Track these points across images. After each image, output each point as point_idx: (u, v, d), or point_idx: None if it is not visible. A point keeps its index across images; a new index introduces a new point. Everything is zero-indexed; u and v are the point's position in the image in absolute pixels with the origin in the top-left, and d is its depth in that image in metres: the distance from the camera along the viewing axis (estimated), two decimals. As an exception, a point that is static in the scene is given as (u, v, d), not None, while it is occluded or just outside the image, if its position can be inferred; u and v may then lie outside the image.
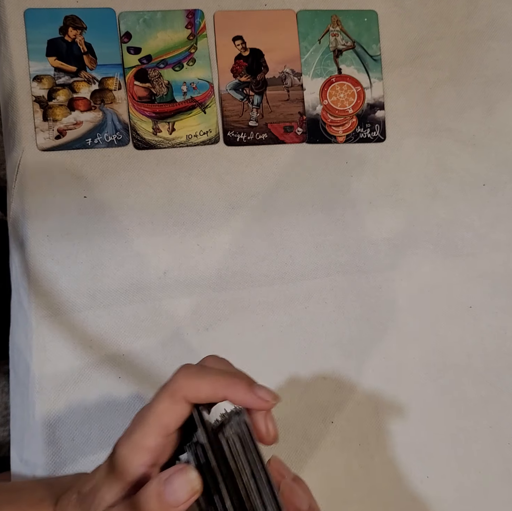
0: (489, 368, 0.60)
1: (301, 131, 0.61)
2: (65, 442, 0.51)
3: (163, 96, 0.58)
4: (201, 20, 0.59)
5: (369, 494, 0.56)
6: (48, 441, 0.51)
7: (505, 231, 0.62)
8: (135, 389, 0.53)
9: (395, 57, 0.63)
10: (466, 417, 0.59)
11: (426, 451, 0.57)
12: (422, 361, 0.59)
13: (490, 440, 0.59)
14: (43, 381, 0.52)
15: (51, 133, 0.56)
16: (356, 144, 0.62)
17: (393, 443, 0.57)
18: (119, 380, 0.53)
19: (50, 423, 0.51)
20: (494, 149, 0.64)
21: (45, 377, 0.52)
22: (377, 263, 0.60)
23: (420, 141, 0.62)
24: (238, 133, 0.59)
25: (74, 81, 0.57)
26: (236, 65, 0.60)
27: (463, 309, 0.61)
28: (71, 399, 0.52)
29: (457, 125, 0.63)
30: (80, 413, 0.52)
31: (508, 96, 0.64)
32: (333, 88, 0.62)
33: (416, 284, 0.60)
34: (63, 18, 0.57)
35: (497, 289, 0.61)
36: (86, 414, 0.52)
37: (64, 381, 0.52)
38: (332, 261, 0.59)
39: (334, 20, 0.62)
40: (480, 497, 0.57)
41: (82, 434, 0.52)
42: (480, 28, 0.65)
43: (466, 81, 0.64)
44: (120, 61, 0.58)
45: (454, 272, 0.61)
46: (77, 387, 0.53)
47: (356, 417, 0.57)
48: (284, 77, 0.61)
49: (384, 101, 0.62)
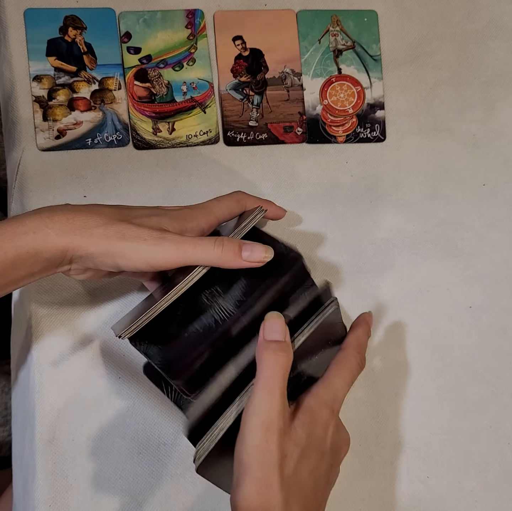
0: (489, 368, 0.60)
1: (301, 131, 0.61)
2: (65, 442, 0.51)
3: (163, 96, 0.58)
4: (201, 20, 0.59)
5: (369, 494, 0.56)
6: (48, 441, 0.51)
7: (505, 231, 0.62)
8: (135, 389, 0.53)
9: (395, 57, 0.63)
10: (466, 417, 0.59)
11: (426, 451, 0.57)
12: (422, 361, 0.59)
13: (490, 440, 0.59)
14: (43, 381, 0.52)
15: (51, 133, 0.56)
16: (356, 144, 0.62)
17: (393, 443, 0.57)
18: (119, 380, 0.53)
19: (50, 423, 0.51)
20: (494, 149, 0.64)
21: (45, 377, 0.52)
22: (377, 263, 0.60)
23: (420, 141, 0.62)
24: (238, 133, 0.59)
25: (74, 81, 0.57)
26: (236, 65, 0.60)
27: (463, 309, 0.61)
28: (71, 399, 0.52)
29: (457, 125, 0.63)
30: (80, 413, 0.52)
31: (508, 96, 0.64)
32: (333, 88, 0.62)
33: (416, 284, 0.60)
34: (63, 18, 0.57)
35: (497, 289, 0.61)
36: (86, 414, 0.52)
37: (64, 381, 0.52)
38: (332, 260, 0.59)
39: (334, 20, 0.62)
40: (480, 497, 0.57)
41: (82, 434, 0.52)
42: (480, 28, 0.65)
43: (466, 81, 0.64)
44: (120, 61, 0.58)
45: (454, 271, 0.61)
46: (77, 387, 0.53)
47: (356, 417, 0.57)
48: (284, 77, 0.61)
49: (384, 101, 0.62)
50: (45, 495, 0.50)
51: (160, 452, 0.53)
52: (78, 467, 0.51)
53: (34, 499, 0.50)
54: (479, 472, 0.58)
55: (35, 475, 0.51)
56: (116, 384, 0.53)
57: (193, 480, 0.53)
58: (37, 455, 0.51)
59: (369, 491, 0.56)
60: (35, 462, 0.51)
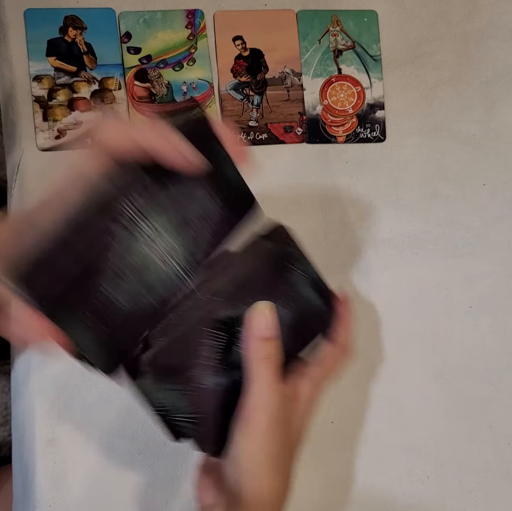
0: (489, 368, 0.60)
1: (301, 131, 0.61)
2: (65, 442, 0.51)
3: (163, 96, 0.58)
4: (201, 20, 0.59)
5: (369, 494, 0.56)
6: (48, 441, 0.51)
7: (505, 231, 0.62)
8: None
9: (395, 57, 0.63)
10: (466, 417, 0.59)
11: (426, 451, 0.57)
12: (422, 361, 0.59)
13: (490, 440, 0.59)
14: (43, 381, 0.52)
15: (51, 133, 0.56)
16: (356, 144, 0.62)
17: (393, 443, 0.57)
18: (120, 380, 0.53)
19: (50, 423, 0.51)
20: (494, 149, 0.64)
21: (45, 377, 0.52)
22: (377, 262, 0.60)
23: (420, 141, 0.62)
24: (238, 133, 0.59)
25: (74, 81, 0.57)
26: (236, 65, 0.60)
27: (463, 309, 0.61)
28: (71, 399, 0.52)
29: (457, 125, 0.63)
30: (80, 413, 0.52)
31: (508, 96, 0.64)
32: (333, 88, 0.62)
33: (416, 284, 0.60)
34: (63, 18, 0.57)
35: (497, 289, 0.61)
36: (86, 414, 0.52)
37: (64, 381, 0.52)
38: (332, 261, 0.59)
39: (334, 20, 0.62)
40: (480, 497, 0.57)
41: (82, 434, 0.52)
42: (480, 28, 0.65)
43: (466, 81, 0.64)
44: (120, 61, 0.58)
45: (454, 271, 0.61)
46: (77, 387, 0.53)
47: (356, 417, 0.57)
48: (284, 77, 0.61)
49: (384, 101, 0.62)
50: (45, 495, 0.50)
51: (160, 452, 0.53)
52: (78, 467, 0.51)
53: (34, 499, 0.50)
54: (479, 472, 0.58)
55: (35, 475, 0.51)
56: (116, 384, 0.53)
57: (194, 480, 0.53)
58: (37, 455, 0.51)
59: (369, 491, 0.56)
60: (35, 462, 0.51)
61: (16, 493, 0.54)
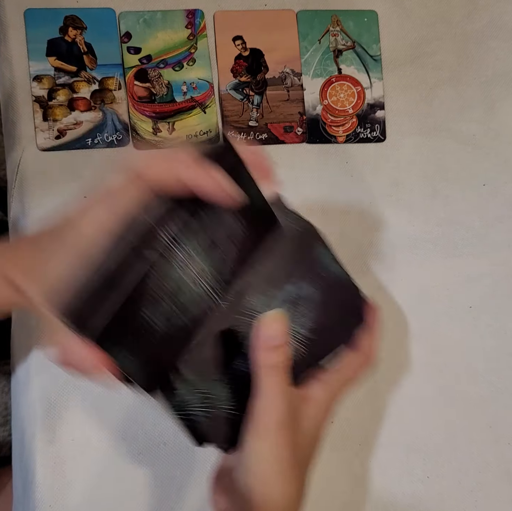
0: (489, 368, 0.60)
1: (301, 131, 0.61)
2: (65, 442, 0.51)
3: (163, 96, 0.58)
4: (201, 20, 0.59)
5: (369, 494, 0.56)
6: (48, 441, 0.51)
7: (505, 231, 0.62)
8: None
9: (395, 57, 0.63)
10: (466, 417, 0.59)
11: (426, 451, 0.57)
12: (422, 361, 0.59)
13: (490, 440, 0.59)
14: (43, 381, 0.52)
15: (51, 133, 0.56)
16: (356, 144, 0.62)
17: (393, 443, 0.57)
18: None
19: (50, 423, 0.51)
20: (494, 149, 0.64)
21: (45, 377, 0.52)
22: (378, 262, 0.60)
23: (420, 141, 0.62)
24: (238, 133, 0.59)
25: (74, 81, 0.57)
26: (236, 65, 0.60)
27: (463, 309, 0.61)
28: (71, 399, 0.52)
29: (457, 125, 0.63)
30: (80, 413, 0.52)
31: (508, 96, 0.64)
32: (333, 88, 0.62)
33: (416, 284, 0.60)
34: (63, 18, 0.57)
35: (497, 289, 0.61)
36: (86, 414, 0.52)
37: (64, 381, 0.52)
38: (332, 261, 0.59)
39: (334, 20, 0.62)
40: (480, 497, 0.57)
41: (82, 434, 0.52)
42: (480, 28, 0.65)
43: (466, 81, 0.64)
44: (120, 61, 0.58)
45: (454, 271, 0.61)
46: (77, 387, 0.53)
47: (356, 417, 0.57)
48: (284, 77, 0.61)
49: (384, 101, 0.62)
50: (45, 495, 0.50)
51: (160, 452, 0.53)
52: (78, 467, 0.51)
53: (34, 499, 0.50)
54: (479, 472, 0.58)
55: (35, 475, 0.51)
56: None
57: (194, 480, 0.53)
58: (37, 455, 0.51)
59: (369, 491, 0.56)
60: (35, 462, 0.51)
61: (16, 493, 0.54)
